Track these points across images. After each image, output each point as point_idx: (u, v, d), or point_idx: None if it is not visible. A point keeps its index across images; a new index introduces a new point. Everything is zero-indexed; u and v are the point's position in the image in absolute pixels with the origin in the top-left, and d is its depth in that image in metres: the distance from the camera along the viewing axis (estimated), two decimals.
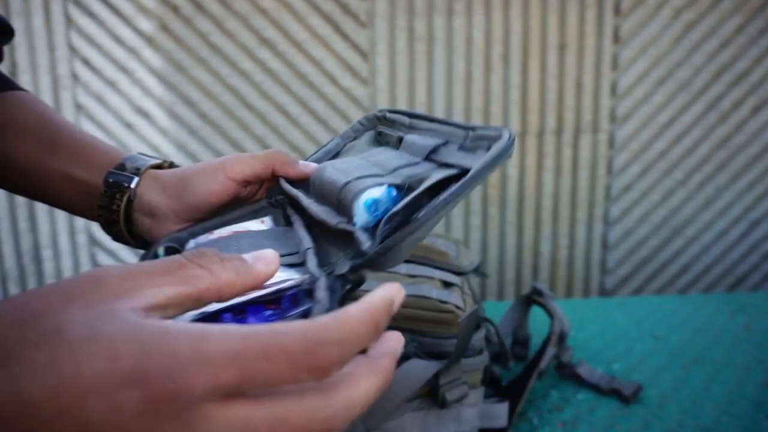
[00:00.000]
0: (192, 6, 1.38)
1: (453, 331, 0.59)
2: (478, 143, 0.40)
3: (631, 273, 1.56)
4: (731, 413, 0.68)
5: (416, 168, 0.41)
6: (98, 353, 0.22)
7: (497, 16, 1.42)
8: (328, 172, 0.42)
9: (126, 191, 0.49)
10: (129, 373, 0.21)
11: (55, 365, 0.21)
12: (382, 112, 0.50)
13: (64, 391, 0.21)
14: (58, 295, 0.24)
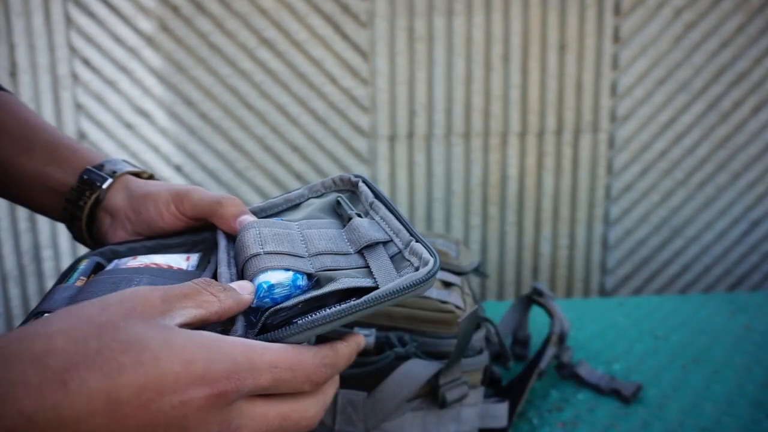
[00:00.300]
0: (192, 6, 1.38)
1: (453, 331, 0.59)
2: (410, 260, 0.38)
3: (631, 273, 1.56)
4: (731, 413, 0.68)
5: (341, 260, 0.39)
6: (176, 358, 0.27)
7: (497, 16, 1.42)
8: (249, 235, 0.40)
9: (96, 190, 0.49)
10: (199, 374, 0.27)
11: (141, 367, 0.26)
12: (357, 178, 0.47)
13: (147, 388, 0.26)
14: (117, 309, 0.28)
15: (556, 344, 0.73)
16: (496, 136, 1.47)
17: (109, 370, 0.25)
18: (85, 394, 0.25)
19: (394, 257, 0.40)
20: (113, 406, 0.25)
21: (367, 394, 0.56)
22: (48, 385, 0.24)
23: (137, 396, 0.26)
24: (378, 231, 0.42)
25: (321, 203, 0.47)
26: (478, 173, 1.48)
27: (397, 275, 0.38)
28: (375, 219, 0.43)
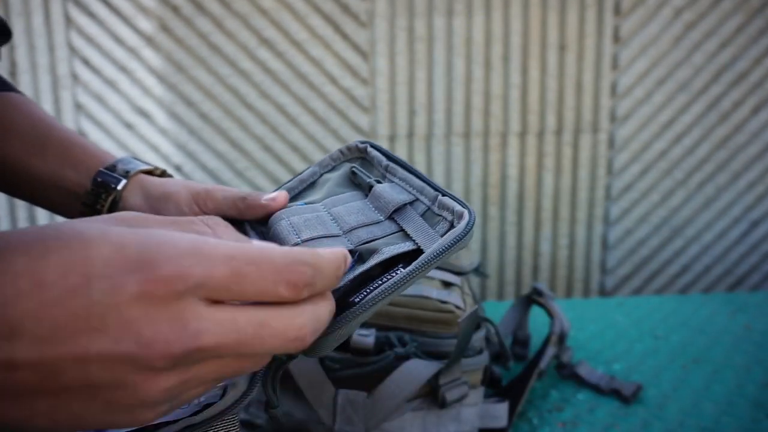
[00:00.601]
0: (192, 6, 1.38)
1: (453, 331, 0.59)
2: (442, 214, 0.39)
3: (631, 273, 1.56)
4: (731, 413, 0.68)
5: (375, 229, 0.39)
6: (106, 243, 0.25)
7: (497, 16, 1.42)
8: (282, 226, 0.40)
9: (112, 192, 0.49)
10: (133, 258, 0.24)
11: (65, 250, 0.24)
12: (364, 144, 0.47)
13: (72, 272, 0.24)
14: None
15: (556, 344, 0.73)
16: (496, 136, 1.47)
17: (35, 253, 0.24)
18: (10, 274, 0.24)
19: (425, 214, 0.40)
20: (39, 289, 0.24)
21: (367, 394, 0.56)
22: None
23: (62, 278, 0.24)
24: (402, 193, 0.41)
25: (337, 177, 0.46)
26: (478, 173, 1.48)
27: (434, 232, 0.38)
28: (395, 181, 0.43)
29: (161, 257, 0.25)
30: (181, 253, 0.25)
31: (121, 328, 0.24)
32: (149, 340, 0.24)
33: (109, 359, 0.24)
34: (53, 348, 0.24)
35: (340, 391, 0.57)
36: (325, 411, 0.57)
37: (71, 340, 0.24)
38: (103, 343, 0.24)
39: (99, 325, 0.24)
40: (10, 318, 0.23)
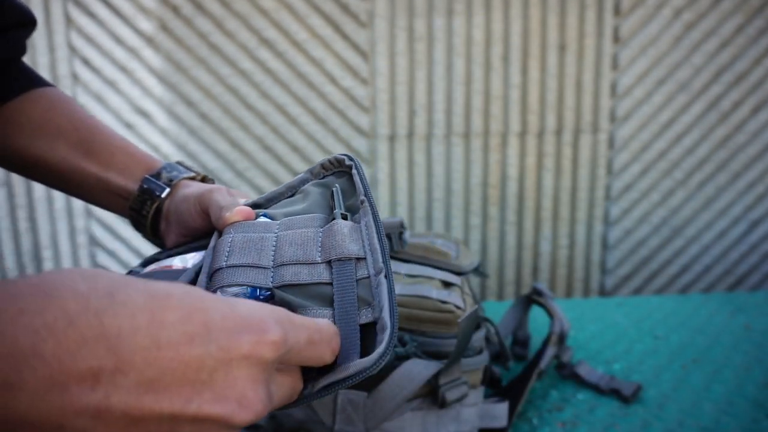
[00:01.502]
0: (192, 6, 1.38)
1: (453, 331, 0.59)
2: (373, 301, 0.35)
3: (631, 273, 1.56)
4: (731, 413, 0.68)
5: (303, 271, 0.37)
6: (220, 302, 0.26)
7: (497, 16, 1.42)
8: (223, 242, 0.40)
9: (156, 200, 0.52)
10: (245, 317, 0.26)
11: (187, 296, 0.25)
12: (351, 162, 0.46)
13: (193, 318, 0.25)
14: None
15: (556, 344, 0.73)
16: (496, 136, 1.47)
17: (155, 293, 0.24)
18: (130, 308, 0.23)
19: (362, 281, 0.36)
20: (157, 328, 0.23)
21: (367, 394, 0.56)
22: (95, 294, 0.23)
23: (182, 323, 0.24)
24: (356, 242, 0.38)
25: (319, 194, 0.46)
26: (478, 173, 1.48)
27: (356, 317, 0.34)
28: (360, 224, 0.40)
29: (270, 321, 0.26)
30: (282, 319, 0.27)
31: (226, 385, 0.24)
32: (251, 402, 0.25)
33: (205, 417, 0.24)
34: (154, 396, 0.23)
35: (340, 391, 0.57)
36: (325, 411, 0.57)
37: (175, 389, 0.23)
38: (205, 400, 0.24)
39: (207, 378, 0.24)
40: (121, 352, 0.22)
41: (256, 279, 0.37)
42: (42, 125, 0.54)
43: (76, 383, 0.21)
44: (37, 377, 0.21)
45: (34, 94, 0.56)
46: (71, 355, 0.21)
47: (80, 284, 0.23)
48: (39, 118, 0.54)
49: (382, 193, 1.48)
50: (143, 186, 0.52)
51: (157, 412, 0.23)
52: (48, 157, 0.54)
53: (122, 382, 0.22)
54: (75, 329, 0.21)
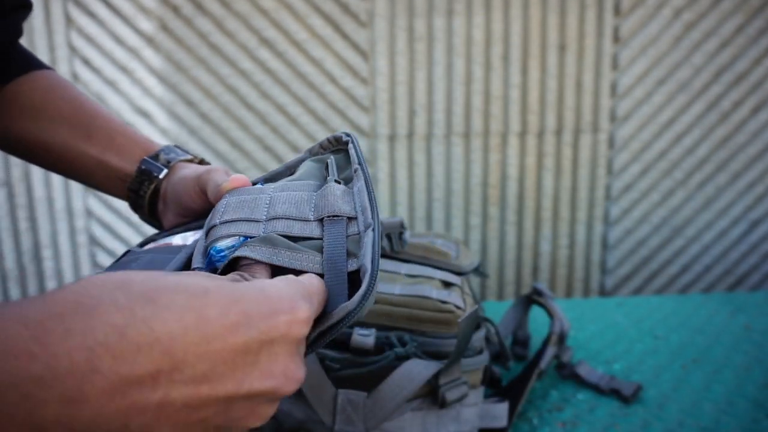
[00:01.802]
0: (192, 6, 1.38)
1: (453, 331, 0.59)
2: (359, 252, 0.36)
3: (631, 273, 1.56)
4: (731, 413, 0.68)
5: (295, 225, 0.38)
6: (250, 288, 0.28)
7: (497, 16, 1.42)
8: (218, 205, 0.41)
9: (154, 180, 0.53)
10: (276, 299, 0.28)
11: (223, 290, 0.27)
12: (348, 137, 0.47)
13: (232, 309, 0.26)
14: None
15: (556, 344, 0.73)
16: (496, 136, 1.47)
17: (194, 291, 0.25)
18: (175, 311, 0.24)
19: (352, 237, 0.37)
20: (203, 325, 0.25)
21: (367, 394, 0.56)
22: (137, 302, 0.23)
23: (223, 315, 0.25)
24: (348, 204, 0.39)
25: (314, 166, 0.46)
26: (478, 173, 1.48)
27: (344, 264, 0.35)
28: (354, 189, 0.41)
29: (298, 300, 0.29)
30: (306, 290, 0.30)
31: (271, 362, 0.27)
32: (293, 373, 0.28)
33: (256, 394, 0.27)
34: (210, 385, 0.25)
35: (340, 391, 0.57)
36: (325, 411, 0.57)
37: (229, 375, 0.25)
38: (256, 378, 0.26)
39: (254, 360, 0.26)
40: (175, 353, 0.24)
41: (248, 230, 0.37)
42: (42, 108, 0.55)
43: (137, 387, 0.23)
44: (97, 390, 0.22)
45: (32, 77, 0.56)
46: (128, 364, 0.22)
47: (118, 296, 0.24)
48: (39, 101, 0.55)
49: (382, 192, 1.48)
50: (141, 167, 0.53)
51: (213, 398, 0.25)
52: (48, 139, 0.54)
53: (179, 378, 0.24)
54: (128, 341, 0.23)
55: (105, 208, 1.46)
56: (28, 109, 0.55)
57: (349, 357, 0.58)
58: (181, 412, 0.24)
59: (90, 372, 0.22)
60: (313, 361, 0.57)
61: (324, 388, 0.57)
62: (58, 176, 1.43)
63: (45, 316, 0.22)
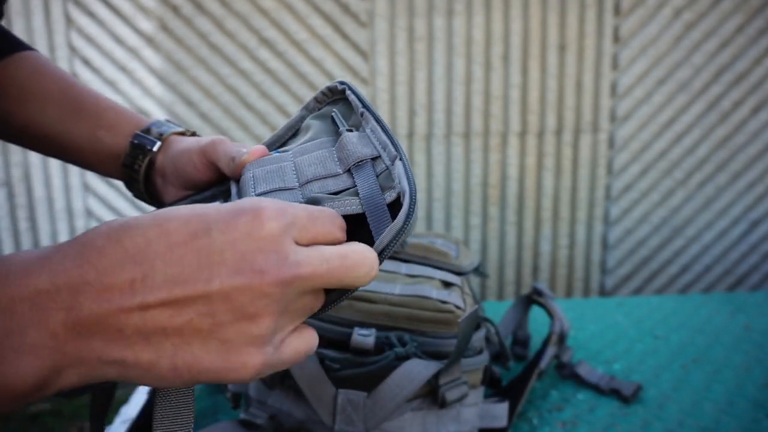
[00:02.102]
0: (192, 6, 1.38)
1: (453, 331, 0.59)
2: (394, 183, 0.38)
3: (631, 273, 1.56)
4: (731, 413, 0.68)
5: (330, 183, 0.39)
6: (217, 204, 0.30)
7: (497, 16, 1.42)
8: (245, 179, 0.42)
9: (148, 154, 0.52)
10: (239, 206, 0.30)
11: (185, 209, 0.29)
12: (342, 85, 0.47)
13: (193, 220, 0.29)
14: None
15: (556, 344, 0.73)
16: (496, 136, 1.47)
17: (159, 216, 0.29)
18: (141, 227, 0.28)
19: (381, 175, 0.39)
20: (165, 236, 0.28)
21: (367, 394, 0.56)
22: (114, 229, 0.28)
23: (185, 225, 0.28)
24: (367, 146, 0.41)
25: (321, 124, 0.47)
26: (478, 173, 1.48)
27: (381, 198, 0.37)
28: (366, 131, 0.42)
29: (263, 204, 0.30)
30: (276, 205, 0.30)
31: (238, 259, 0.28)
32: (262, 268, 0.29)
33: (230, 290, 0.28)
34: (182, 286, 0.28)
35: (340, 391, 0.57)
36: (325, 411, 0.57)
37: (197, 275, 0.28)
38: (224, 275, 0.28)
39: (219, 259, 0.28)
40: (143, 262, 0.27)
41: (287, 199, 0.38)
42: (28, 89, 0.54)
43: (118, 294, 0.27)
44: (89, 298, 0.27)
45: (16, 58, 0.55)
46: (108, 275, 0.27)
47: (103, 228, 0.28)
48: (25, 82, 0.54)
49: None
50: (134, 142, 0.52)
51: (188, 297, 0.28)
52: (37, 120, 0.54)
53: (151, 283, 0.27)
54: (105, 257, 0.27)
55: (105, 208, 1.46)
56: (14, 90, 0.54)
57: (349, 357, 0.58)
58: (163, 314, 0.28)
59: (83, 284, 0.27)
60: (313, 361, 0.57)
61: (324, 388, 0.57)
62: (58, 176, 1.43)
63: (50, 250, 0.28)
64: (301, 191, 0.39)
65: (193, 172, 0.49)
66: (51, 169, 1.42)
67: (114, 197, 1.45)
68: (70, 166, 1.43)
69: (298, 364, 0.56)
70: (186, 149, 0.50)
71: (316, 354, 0.58)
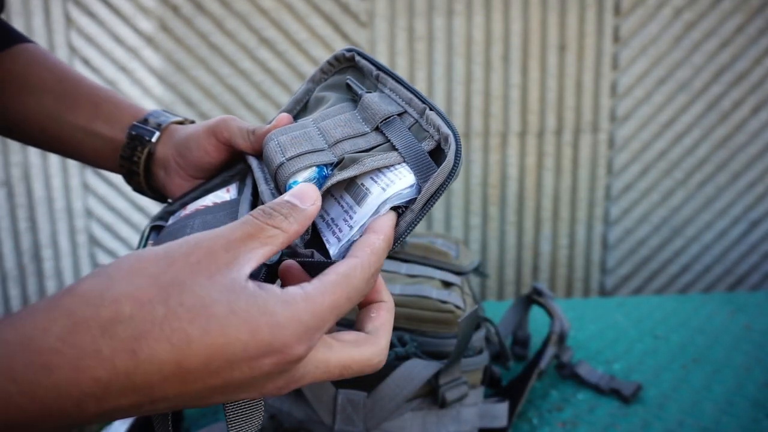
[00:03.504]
0: (192, 6, 1.38)
1: (453, 331, 0.59)
2: (429, 131, 0.38)
3: (631, 273, 1.56)
4: (731, 413, 0.68)
5: (360, 141, 0.39)
6: (242, 326, 0.27)
7: (497, 16, 1.42)
8: (270, 147, 0.41)
9: (147, 145, 0.51)
10: (266, 342, 0.27)
11: (208, 337, 0.26)
12: (350, 52, 0.47)
13: (215, 358, 0.26)
14: (182, 265, 0.27)
15: (556, 344, 0.73)
16: (496, 136, 1.47)
17: (177, 341, 0.26)
18: (156, 363, 0.26)
19: (412, 128, 0.39)
20: (183, 373, 0.26)
21: (367, 394, 0.56)
22: (119, 355, 0.25)
23: (206, 365, 0.26)
24: (390, 104, 0.41)
25: (334, 93, 0.46)
26: (478, 173, 1.48)
27: (421, 147, 0.37)
28: (385, 92, 0.42)
29: (292, 338, 0.28)
30: (307, 328, 0.28)
31: (251, 391, 0.29)
32: (268, 392, 0.29)
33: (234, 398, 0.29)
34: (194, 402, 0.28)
35: (340, 391, 0.57)
36: (325, 411, 0.57)
37: (205, 400, 0.28)
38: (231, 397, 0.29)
39: (234, 390, 0.28)
40: (154, 396, 0.26)
41: (319, 159, 0.38)
42: (23, 80, 0.53)
43: (120, 413, 0.26)
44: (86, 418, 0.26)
45: (14, 51, 0.54)
46: (111, 403, 0.26)
47: (101, 344, 0.25)
48: (21, 74, 0.53)
49: None
50: (132, 132, 0.51)
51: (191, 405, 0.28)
52: (33, 112, 0.53)
53: (161, 406, 0.27)
54: (110, 391, 0.25)
55: (105, 208, 1.46)
56: (10, 82, 0.53)
57: None
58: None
59: (78, 411, 0.25)
60: None
61: (324, 388, 0.57)
62: (57, 176, 1.43)
63: (32, 370, 0.24)
64: (331, 151, 0.39)
65: (203, 156, 0.48)
66: (51, 169, 1.42)
67: (114, 197, 1.45)
68: (70, 165, 1.43)
69: None
70: (192, 134, 0.49)
71: None
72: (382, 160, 0.36)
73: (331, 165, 0.38)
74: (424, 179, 0.35)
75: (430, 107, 0.39)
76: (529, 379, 0.67)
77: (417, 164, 0.36)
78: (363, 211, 0.36)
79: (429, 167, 0.36)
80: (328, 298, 0.29)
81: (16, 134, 0.56)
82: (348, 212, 0.37)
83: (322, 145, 0.39)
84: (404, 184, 0.35)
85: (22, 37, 0.56)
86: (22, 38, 0.56)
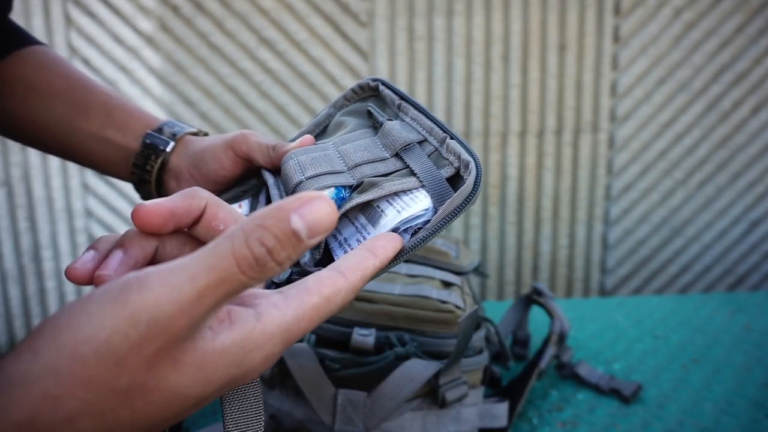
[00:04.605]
0: (192, 6, 1.38)
1: (453, 331, 0.59)
2: (449, 158, 0.38)
3: (631, 273, 1.56)
4: (731, 413, 0.68)
5: (380, 166, 0.40)
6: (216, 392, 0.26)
7: (497, 16, 1.42)
8: (289, 166, 0.41)
9: (161, 154, 0.50)
10: (242, 374, 0.27)
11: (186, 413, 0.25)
12: (375, 81, 0.47)
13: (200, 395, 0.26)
14: (137, 361, 0.23)
15: (556, 344, 0.73)
16: (496, 136, 1.47)
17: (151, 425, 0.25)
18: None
19: (431, 155, 0.40)
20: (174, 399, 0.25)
21: (367, 394, 0.56)
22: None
23: (196, 406, 0.26)
24: (411, 132, 0.41)
25: (355, 119, 0.47)
26: None
27: (440, 174, 0.38)
28: (406, 120, 0.43)
29: (262, 367, 0.27)
30: (274, 356, 0.27)
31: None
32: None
33: None
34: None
35: (340, 391, 0.57)
36: (325, 411, 0.57)
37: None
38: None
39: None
40: None
41: (338, 181, 0.39)
42: (34, 84, 0.52)
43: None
44: None
45: (23, 53, 0.53)
46: None
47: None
48: (31, 77, 0.52)
49: None
50: (146, 141, 0.50)
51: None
52: (43, 117, 0.52)
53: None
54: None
55: (105, 208, 1.46)
56: (20, 86, 0.52)
57: (349, 357, 0.58)
58: None
59: None
60: (313, 361, 0.57)
61: (324, 387, 0.57)
62: (57, 176, 1.43)
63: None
64: (351, 174, 0.39)
65: (218, 169, 0.48)
66: (51, 170, 1.42)
67: (114, 197, 1.45)
68: (70, 166, 1.43)
69: (298, 364, 0.56)
70: (208, 147, 0.49)
71: (316, 354, 0.58)
72: (401, 184, 0.37)
73: (350, 187, 0.38)
74: (442, 203, 0.36)
75: (451, 136, 0.39)
76: (529, 379, 0.67)
77: (435, 189, 0.37)
78: (377, 232, 0.36)
79: (447, 193, 0.36)
80: (304, 325, 0.26)
81: (26, 138, 0.55)
82: (361, 232, 0.37)
83: (342, 167, 0.40)
84: (420, 207, 0.36)
85: (32, 39, 0.55)
86: (33, 40, 0.55)
